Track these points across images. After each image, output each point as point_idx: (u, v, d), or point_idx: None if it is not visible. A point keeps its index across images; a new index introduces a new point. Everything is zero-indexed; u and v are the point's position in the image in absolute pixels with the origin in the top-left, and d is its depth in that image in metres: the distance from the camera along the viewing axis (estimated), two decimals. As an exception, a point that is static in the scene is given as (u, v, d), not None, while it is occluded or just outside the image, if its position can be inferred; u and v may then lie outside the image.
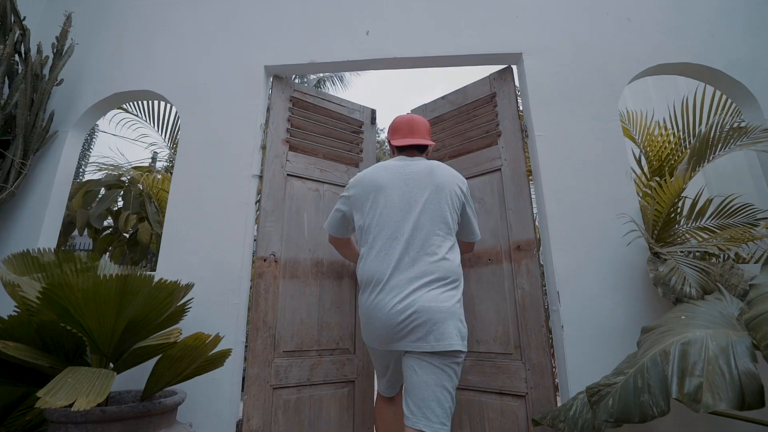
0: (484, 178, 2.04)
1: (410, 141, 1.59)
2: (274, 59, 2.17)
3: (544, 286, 1.74)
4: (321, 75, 17.87)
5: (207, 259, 1.85)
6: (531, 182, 1.92)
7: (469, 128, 2.15)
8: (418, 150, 1.62)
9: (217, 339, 1.28)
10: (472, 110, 2.18)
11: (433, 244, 1.36)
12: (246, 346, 1.81)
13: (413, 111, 2.42)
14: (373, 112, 2.44)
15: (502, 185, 1.95)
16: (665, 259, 1.45)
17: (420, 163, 1.53)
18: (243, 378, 1.80)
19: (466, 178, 2.07)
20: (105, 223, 2.71)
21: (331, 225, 1.66)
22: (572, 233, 1.71)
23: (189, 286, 1.50)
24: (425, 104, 2.38)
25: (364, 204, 1.49)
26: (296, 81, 18.06)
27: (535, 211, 1.86)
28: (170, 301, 1.25)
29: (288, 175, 2.07)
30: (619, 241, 1.67)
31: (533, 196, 1.90)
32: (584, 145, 1.83)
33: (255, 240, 1.97)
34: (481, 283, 1.91)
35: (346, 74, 17.54)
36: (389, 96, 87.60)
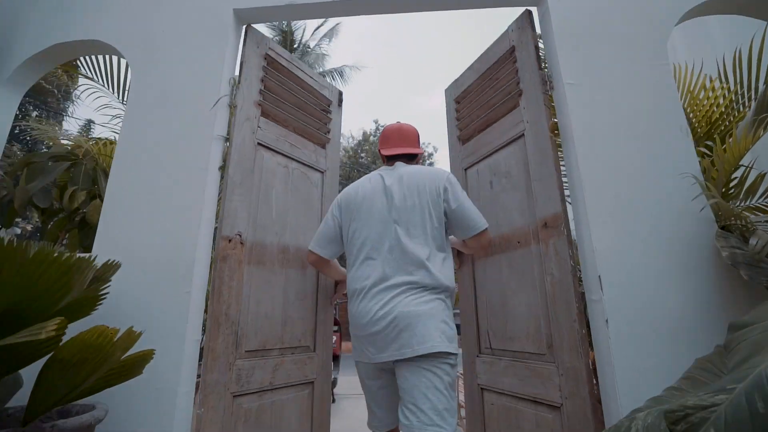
0: (509, 148, 1.70)
1: (399, 150, 1.58)
2: (244, 1, 1.81)
3: (579, 271, 1.37)
4: (321, 70, 17.50)
5: (154, 237, 1.49)
6: (560, 146, 1.55)
7: (492, 95, 1.83)
8: (408, 158, 1.60)
9: (131, 335, 0.92)
10: (493, 73, 1.86)
11: (410, 252, 1.32)
12: (202, 346, 1.45)
13: (447, 90, 2.18)
14: (341, 93, 2.24)
15: (526, 153, 1.60)
16: (752, 230, 1.08)
17: (398, 170, 1.50)
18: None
19: (494, 152, 1.78)
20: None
21: (319, 243, 1.55)
22: (615, 202, 1.33)
23: (111, 266, 1.14)
24: (456, 80, 2.12)
25: (350, 216, 1.48)
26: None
27: (566, 179, 1.49)
28: (67, 283, 0.89)
29: (259, 143, 1.72)
30: (677, 210, 1.30)
31: (563, 163, 1.53)
32: (626, 94, 1.45)
33: (218, 217, 1.62)
34: (513, 271, 1.59)
35: (346, 69, 17.18)
36: (392, 97, 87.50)
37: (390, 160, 1.59)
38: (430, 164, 20.18)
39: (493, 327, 1.65)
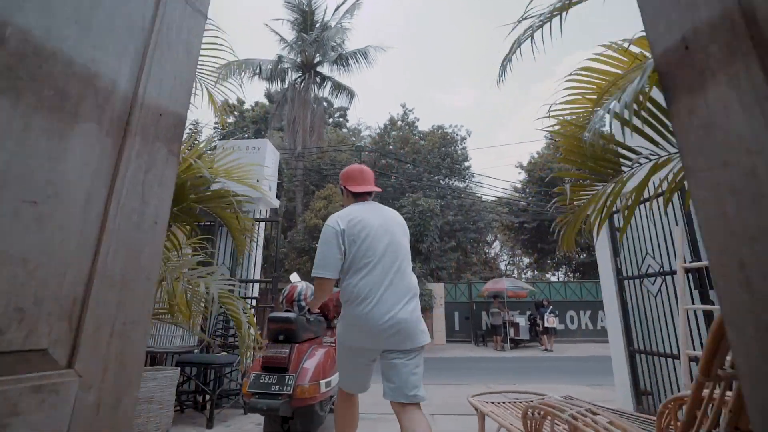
0: None
1: (367, 188, 2.09)
2: None
3: None
4: (341, 51, 16.00)
5: None
6: None
7: None
8: (369, 194, 2.11)
9: None
10: None
11: (405, 270, 1.90)
12: None
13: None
14: None
15: None
16: None
17: (384, 208, 2.06)
18: None
19: None
20: None
21: (331, 267, 1.85)
22: None
23: None
24: None
25: (356, 237, 1.87)
26: (316, 55, 15.89)
27: None
28: None
29: None
30: None
31: None
32: None
33: None
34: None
35: (371, 50, 15.82)
36: (418, 96, 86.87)
37: (355, 195, 2.09)
38: (464, 148, 19.82)
39: None
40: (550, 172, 20.10)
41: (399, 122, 21.02)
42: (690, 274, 2.74)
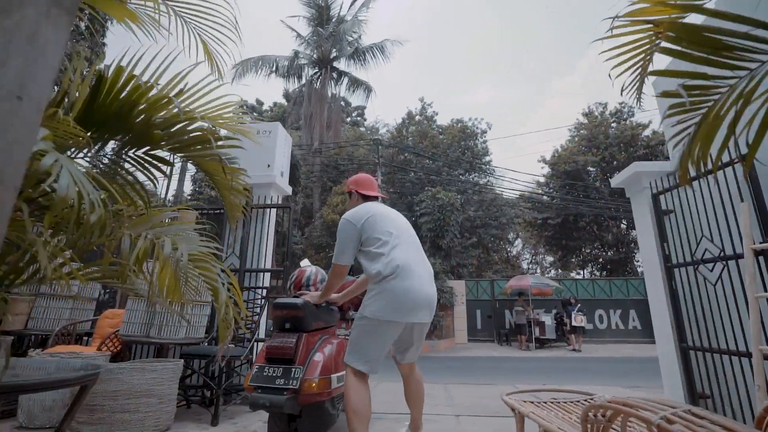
0: None
1: (376, 193, 2.41)
2: None
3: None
4: (358, 46, 15.94)
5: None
6: None
7: None
8: (376, 199, 2.41)
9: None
10: None
11: (423, 255, 2.21)
12: None
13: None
14: None
15: None
16: None
17: (388, 208, 2.29)
18: None
19: None
20: None
21: (349, 255, 2.11)
22: None
23: None
24: None
25: (375, 225, 2.08)
26: (332, 50, 16.22)
27: None
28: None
29: None
30: None
31: None
32: None
33: None
34: None
35: (387, 44, 15.69)
36: (434, 93, 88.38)
37: (365, 198, 2.38)
38: (484, 142, 19.86)
39: None
40: (575, 165, 19.31)
41: (417, 117, 20.66)
42: (761, 258, 2.33)
